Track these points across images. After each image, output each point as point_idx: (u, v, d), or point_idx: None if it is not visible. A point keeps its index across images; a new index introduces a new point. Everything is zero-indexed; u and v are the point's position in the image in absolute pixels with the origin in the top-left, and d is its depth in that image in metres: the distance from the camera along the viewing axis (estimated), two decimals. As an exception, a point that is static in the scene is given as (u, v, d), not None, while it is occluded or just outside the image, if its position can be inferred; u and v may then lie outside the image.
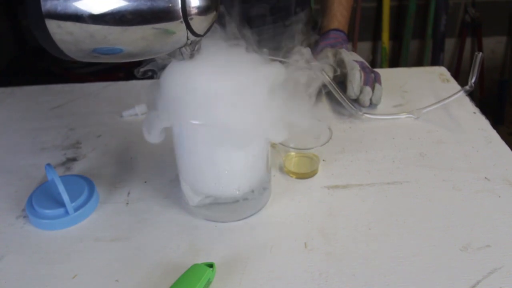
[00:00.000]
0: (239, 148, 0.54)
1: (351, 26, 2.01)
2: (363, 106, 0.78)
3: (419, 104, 0.81)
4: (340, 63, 0.81)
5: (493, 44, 2.10)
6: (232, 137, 0.52)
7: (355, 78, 0.77)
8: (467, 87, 0.77)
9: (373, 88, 0.79)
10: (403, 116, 0.78)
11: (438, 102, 0.79)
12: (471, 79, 0.77)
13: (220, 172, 0.56)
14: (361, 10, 1.97)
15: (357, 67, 0.78)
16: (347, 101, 0.77)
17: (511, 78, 2.09)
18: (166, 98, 0.53)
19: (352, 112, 0.77)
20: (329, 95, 0.79)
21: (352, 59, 0.80)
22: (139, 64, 0.55)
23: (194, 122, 0.52)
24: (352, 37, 2.02)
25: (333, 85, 0.75)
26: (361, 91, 0.78)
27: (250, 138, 0.54)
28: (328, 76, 0.76)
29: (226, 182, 0.57)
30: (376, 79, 0.80)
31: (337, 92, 0.76)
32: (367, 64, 0.82)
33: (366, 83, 0.78)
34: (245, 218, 0.60)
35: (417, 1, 1.96)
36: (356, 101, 0.79)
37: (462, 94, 0.78)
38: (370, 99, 0.78)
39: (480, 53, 0.76)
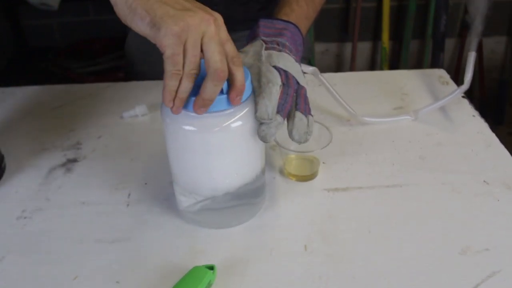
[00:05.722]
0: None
1: (351, 26, 2.01)
2: (263, 141, 0.55)
3: (419, 106, 0.81)
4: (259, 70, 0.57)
5: (493, 44, 2.10)
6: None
7: (272, 95, 0.53)
8: (462, 87, 0.77)
9: (293, 117, 0.56)
10: (400, 118, 0.78)
11: (436, 102, 0.79)
12: (466, 77, 0.77)
13: (213, 166, 0.55)
14: (361, 10, 1.97)
15: (278, 81, 0.55)
16: (345, 103, 0.75)
17: (511, 78, 2.09)
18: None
19: (350, 115, 0.77)
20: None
21: (281, 67, 0.57)
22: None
23: (187, 128, 0.52)
24: (352, 37, 2.02)
25: (328, 85, 0.73)
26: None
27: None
28: (323, 77, 0.71)
29: (218, 177, 0.56)
30: (299, 107, 0.56)
31: (334, 94, 0.74)
32: (302, 82, 0.59)
33: (279, 109, 0.54)
34: (237, 225, 0.60)
35: (417, 1, 1.96)
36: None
37: (461, 98, 0.78)
38: (291, 133, 0.56)
39: (473, 52, 0.77)
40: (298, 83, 0.58)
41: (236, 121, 0.52)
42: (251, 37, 0.63)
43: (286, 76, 0.57)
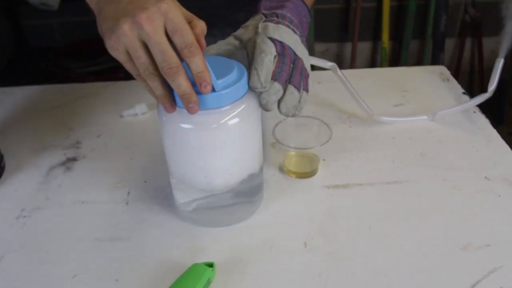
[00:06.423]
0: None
1: (351, 26, 2.01)
2: (265, 109, 0.55)
3: (420, 103, 0.81)
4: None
5: (493, 44, 2.10)
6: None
7: (264, 63, 0.53)
8: (486, 94, 0.76)
9: (284, 90, 0.55)
10: (417, 118, 0.77)
11: (455, 106, 0.77)
12: (491, 86, 0.76)
13: (210, 164, 0.55)
14: (361, 10, 1.97)
15: (272, 51, 0.55)
16: (362, 101, 0.74)
17: (511, 78, 2.09)
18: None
19: (367, 114, 0.76)
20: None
21: (277, 38, 0.56)
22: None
23: (184, 125, 0.52)
24: (352, 37, 2.02)
25: (347, 83, 0.72)
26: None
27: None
28: (342, 72, 0.71)
29: (215, 175, 0.56)
30: (293, 79, 0.56)
31: (351, 90, 0.73)
32: (299, 53, 0.58)
33: (275, 77, 0.55)
34: (235, 224, 0.60)
35: (417, 1, 1.96)
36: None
37: (461, 95, 0.78)
38: (279, 105, 0.55)
39: (502, 59, 0.76)
40: (295, 54, 0.57)
41: (233, 118, 0.52)
42: (254, 12, 0.62)
43: (282, 46, 0.56)
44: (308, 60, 0.60)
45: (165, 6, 0.46)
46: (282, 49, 0.56)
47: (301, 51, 0.59)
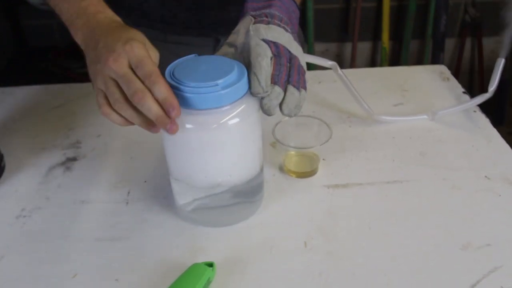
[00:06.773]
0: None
1: (351, 26, 2.01)
2: (267, 114, 0.55)
3: (420, 103, 0.81)
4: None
5: (493, 44, 2.10)
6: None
7: (262, 68, 0.53)
8: (486, 94, 0.76)
9: (284, 91, 0.55)
10: (417, 117, 0.77)
11: (456, 106, 0.77)
12: (491, 86, 0.76)
13: (210, 164, 0.55)
14: (361, 10, 1.97)
15: (268, 53, 0.54)
16: (362, 100, 0.74)
17: (511, 78, 2.09)
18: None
19: (367, 113, 0.76)
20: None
21: (270, 39, 0.56)
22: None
23: (187, 126, 0.52)
24: (352, 37, 2.02)
25: (347, 82, 0.72)
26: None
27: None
28: (342, 71, 0.70)
29: (216, 175, 0.56)
30: (292, 79, 0.55)
31: (351, 89, 0.73)
32: (294, 51, 0.57)
33: (275, 80, 0.55)
34: (235, 224, 0.60)
35: (417, 1, 1.96)
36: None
37: (462, 94, 0.78)
38: (280, 106, 0.55)
39: (503, 59, 0.75)
40: (290, 52, 0.57)
41: (233, 118, 0.52)
42: (242, 15, 0.61)
43: (276, 46, 0.56)
44: (303, 57, 0.59)
45: (128, 47, 0.51)
46: (277, 49, 0.56)
47: (295, 48, 0.58)
